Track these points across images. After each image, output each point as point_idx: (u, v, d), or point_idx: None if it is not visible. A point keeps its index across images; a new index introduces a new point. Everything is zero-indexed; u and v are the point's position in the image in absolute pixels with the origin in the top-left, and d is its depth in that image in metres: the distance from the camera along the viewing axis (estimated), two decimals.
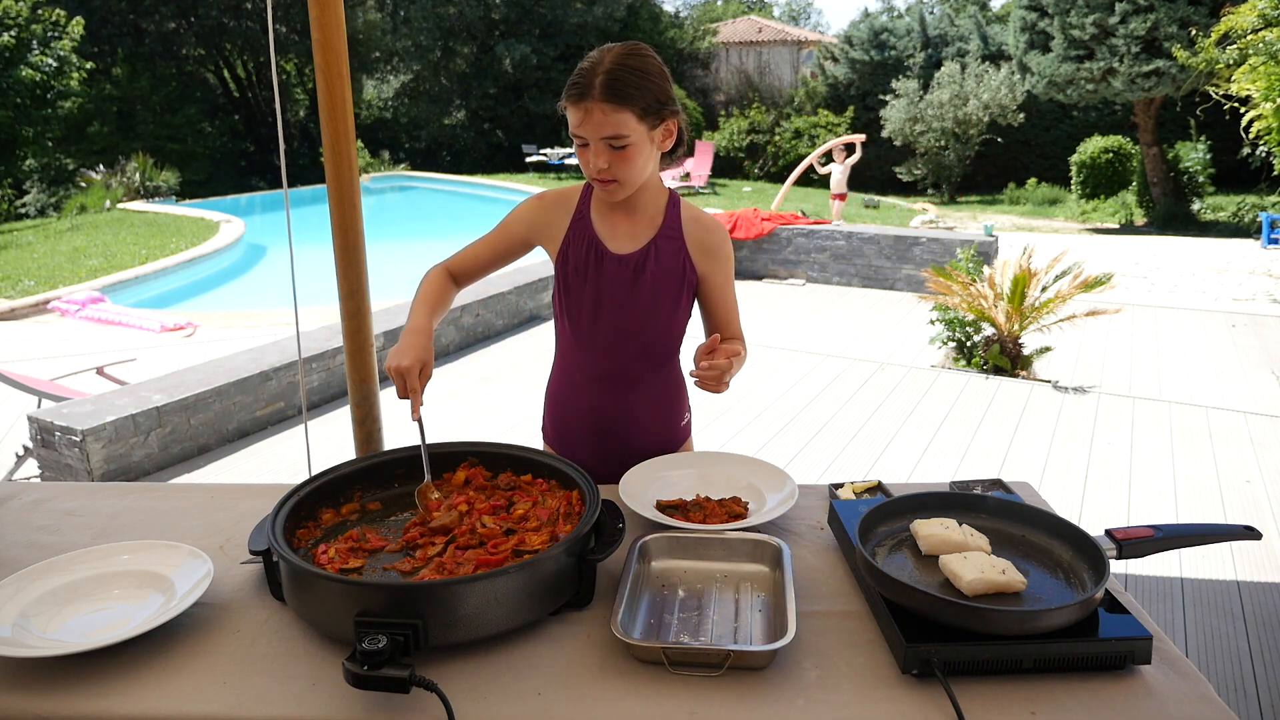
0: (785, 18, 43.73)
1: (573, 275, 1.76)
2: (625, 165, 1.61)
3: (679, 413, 1.92)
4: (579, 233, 1.75)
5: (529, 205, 1.82)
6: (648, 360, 1.82)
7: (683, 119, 1.70)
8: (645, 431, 1.85)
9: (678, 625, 1.24)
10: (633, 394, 1.82)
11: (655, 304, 1.75)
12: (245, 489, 1.77)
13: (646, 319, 1.77)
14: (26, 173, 16.94)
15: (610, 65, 1.57)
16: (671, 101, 1.64)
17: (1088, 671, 1.12)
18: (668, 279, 1.74)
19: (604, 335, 1.78)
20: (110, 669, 1.16)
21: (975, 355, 5.99)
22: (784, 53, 23.90)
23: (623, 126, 1.57)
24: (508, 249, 1.81)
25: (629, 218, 1.75)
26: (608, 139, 1.58)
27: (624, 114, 1.56)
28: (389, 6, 25.64)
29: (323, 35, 2.18)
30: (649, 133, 1.62)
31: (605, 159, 1.60)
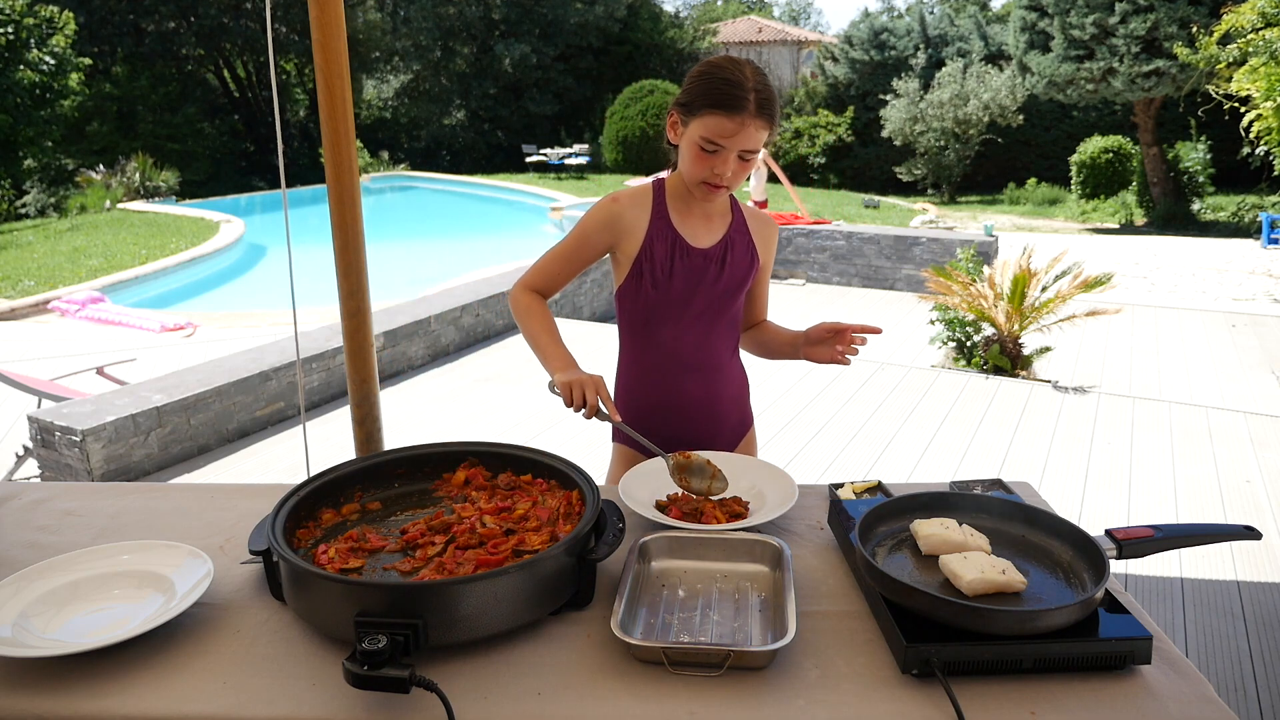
0: (785, 18, 43.73)
1: (659, 270, 1.83)
2: (743, 174, 1.74)
3: (745, 398, 2.05)
4: (660, 231, 1.83)
5: (606, 209, 1.86)
6: (728, 344, 1.95)
7: None
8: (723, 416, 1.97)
9: (678, 625, 1.24)
10: (716, 379, 1.94)
11: (734, 291, 1.88)
12: (245, 489, 1.77)
13: (728, 306, 1.89)
14: (26, 173, 16.94)
15: (757, 84, 1.67)
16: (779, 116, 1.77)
17: (1088, 671, 1.12)
18: (742, 269, 1.87)
19: (694, 326, 1.87)
20: (110, 669, 1.16)
21: (975, 355, 5.99)
22: (784, 53, 23.89)
23: (760, 143, 1.70)
24: (589, 257, 1.88)
25: (702, 216, 1.87)
26: (745, 151, 1.69)
27: (766, 131, 1.70)
28: (389, 6, 25.64)
29: (323, 35, 2.18)
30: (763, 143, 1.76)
31: (729, 169, 1.70)
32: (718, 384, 1.94)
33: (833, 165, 20.33)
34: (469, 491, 1.53)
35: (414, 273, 9.52)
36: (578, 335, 6.78)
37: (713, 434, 1.95)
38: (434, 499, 1.53)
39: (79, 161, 19.04)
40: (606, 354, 6.11)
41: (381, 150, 23.78)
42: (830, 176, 20.18)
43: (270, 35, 2.26)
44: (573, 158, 19.96)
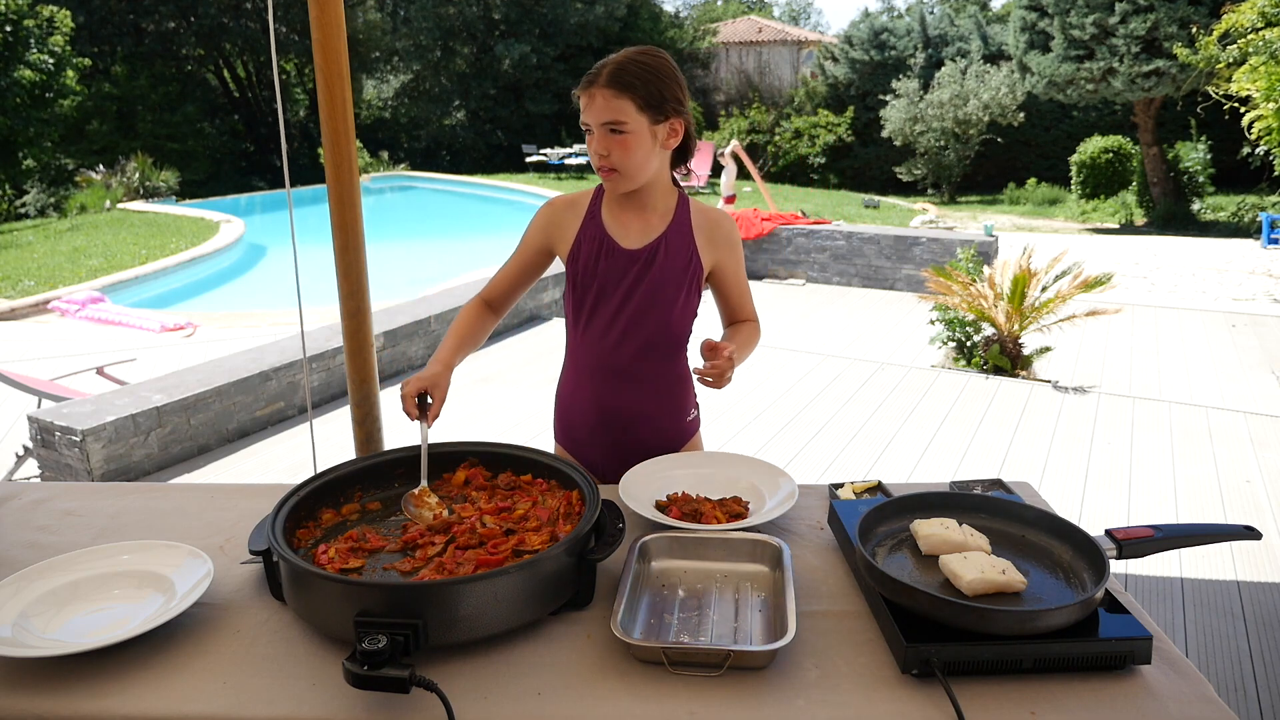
0: (785, 18, 43.73)
1: (582, 272, 1.82)
2: (623, 153, 1.68)
3: (685, 408, 1.94)
4: (590, 232, 1.82)
5: (541, 213, 1.89)
6: (653, 354, 1.85)
7: (690, 124, 1.76)
8: (652, 427, 1.89)
9: (678, 625, 1.24)
10: (639, 389, 1.86)
11: (660, 296, 1.80)
12: (245, 489, 1.77)
13: (651, 311, 1.81)
14: (26, 173, 16.94)
15: (620, 58, 1.69)
16: (678, 103, 1.71)
17: (1088, 671, 1.12)
18: (674, 272, 1.80)
19: (611, 330, 1.82)
20: (110, 669, 1.16)
21: (975, 355, 5.99)
22: (784, 53, 23.90)
23: (621, 113, 1.65)
24: (533, 262, 1.89)
25: (640, 215, 1.81)
26: (607, 124, 1.66)
27: (623, 101, 1.65)
28: (389, 6, 25.64)
29: (323, 35, 2.18)
30: (650, 126, 1.68)
31: (605, 145, 1.68)
32: (647, 389, 1.87)
33: (833, 165, 20.33)
34: (469, 491, 1.53)
35: (414, 273, 9.52)
36: None
37: (641, 440, 1.88)
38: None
39: (79, 161, 19.04)
40: None
41: (381, 150, 23.78)
42: (830, 176, 20.18)
43: (271, 35, 2.26)
44: (573, 158, 19.96)
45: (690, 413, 1.96)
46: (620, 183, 1.73)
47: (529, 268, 1.90)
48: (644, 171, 1.72)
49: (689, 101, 1.77)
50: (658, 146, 1.71)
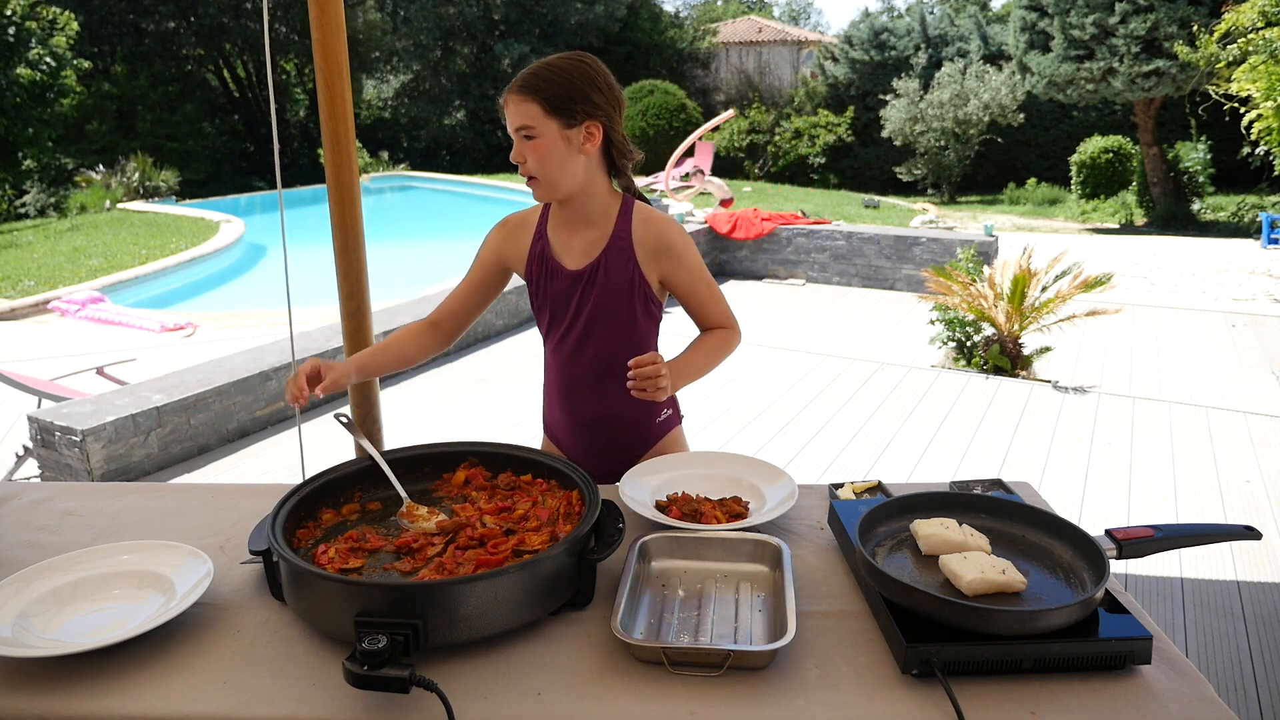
0: (785, 18, 43.72)
1: (535, 293, 1.83)
2: (537, 159, 1.66)
3: (655, 409, 1.92)
4: (537, 251, 1.81)
5: (494, 232, 1.88)
6: (614, 364, 1.81)
7: (611, 128, 1.70)
8: (622, 430, 1.89)
9: (678, 625, 1.24)
10: (603, 397, 1.85)
11: (606, 315, 1.77)
12: (245, 489, 1.77)
13: (601, 329, 1.79)
14: (26, 173, 16.94)
15: (536, 63, 1.66)
16: (592, 105, 1.66)
17: (1088, 671, 1.12)
18: (617, 292, 1.76)
19: (567, 344, 1.83)
20: (110, 669, 1.16)
21: (975, 355, 5.99)
22: (784, 53, 23.89)
23: (528, 117, 1.63)
24: (488, 281, 1.88)
25: (582, 231, 1.78)
26: (519, 130, 1.65)
27: (530, 104, 1.63)
28: (389, 6, 25.63)
29: (323, 35, 2.18)
30: (561, 130, 1.64)
31: (520, 151, 1.67)
32: (611, 397, 1.83)
33: (833, 165, 20.32)
34: (469, 491, 1.53)
35: (414, 273, 9.52)
36: None
37: (613, 443, 1.88)
38: (434, 499, 1.53)
39: (78, 161, 19.04)
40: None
41: (381, 150, 23.77)
42: (830, 176, 20.17)
43: (270, 35, 2.26)
44: None
45: (663, 413, 1.93)
46: (541, 190, 1.71)
47: (483, 287, 1.88)
48: (563, 178, 1.68)
49: (616, 106, 1.71)
50: (575, 152, 1.67)
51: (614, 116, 1.70)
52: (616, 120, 1.71)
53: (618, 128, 1.72)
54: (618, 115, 1.72)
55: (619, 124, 1.72)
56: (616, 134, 1.72)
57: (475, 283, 1.89)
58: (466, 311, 1.90)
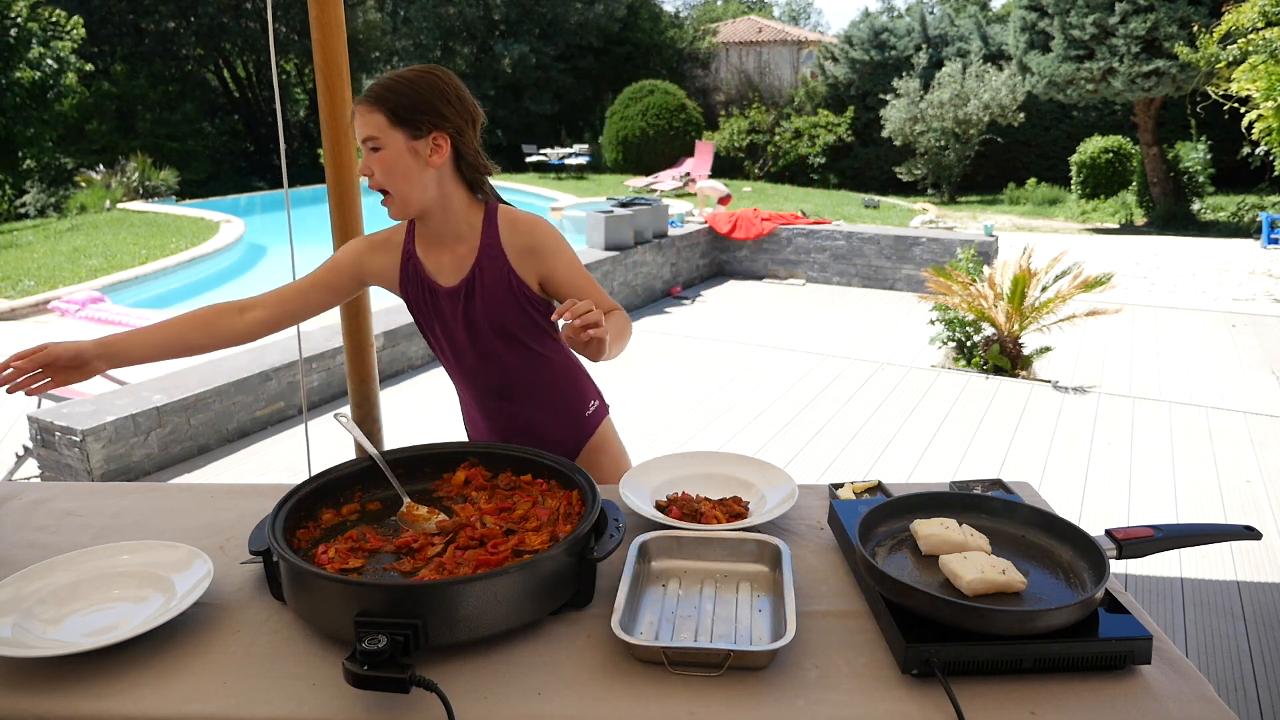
0: (785, 18, 43.72)
1: (419, 315, 1.80)
2: (383, 171, 1.61)
3: (582, 402, 1.90)
4: (410, 274, 1.76)
5: (357, 245, 1.80)
6: (519, 370, 1.81)
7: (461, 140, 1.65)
8: (549, 431, 1.87)
9: (678, 625, 1.24)
10: (523, 405, 1.84)
11: (493, 325, 1.74)
12: (245, 489, 1.77)
13: (492, 339, 1.76)
14: (26, 173, 16.94)
15: (384, 76, 1.63)
16: (438, 117, 1.61)
17: (1088, 671, 1.12)
18: (498, 302, 1.73)
19: (467, 359, 1.80)
20: (110, 669, 1.16)
21: (975, 355, 5.99)
22: (784, 53, 23.89)
23: (374, 128, 1.60)
24: (335, 284, 1.77)
25: (450, 247, 1.74)
26: (365, 141, 1.61)
27: (376, 115, 1.59)
28: (389, 6, 25.64)
29: (323, 35, 2.18)
30: (407, 141, 1.60)
31: (368, 164, 1.63)
32: (530, 401, 1.83)
33: (833, 165, 20.32)
34: (469, 492, 1.53)
35: None
36: None
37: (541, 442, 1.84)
38: (434, 499, 1.53)
39: (78, 161, 19.04)
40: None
41: None
42: (830, 176, 20.17)
43: (271, 35, 2.26)
44: (573, 158, 19.95)
45: (590, 405, 1.91)
46: (394, 207, 1.66)
47: (327, 288, 1.76)
48: (411, 191, 1.64)
49: (468, 119, 1.67)
50: (423, 165, 1.62)
51: (464, 129, 1.66)
52: (468, 133, 1.67)
53: (469, 141, 1.67)
54: (470, 128, 1.67)
55: (471, 137, 1.68)
56: (467, 147, 1.67)
57: (320, 282, 1.77)
58: (295, 309, 1.76)
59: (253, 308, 1.73)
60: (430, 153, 1.62)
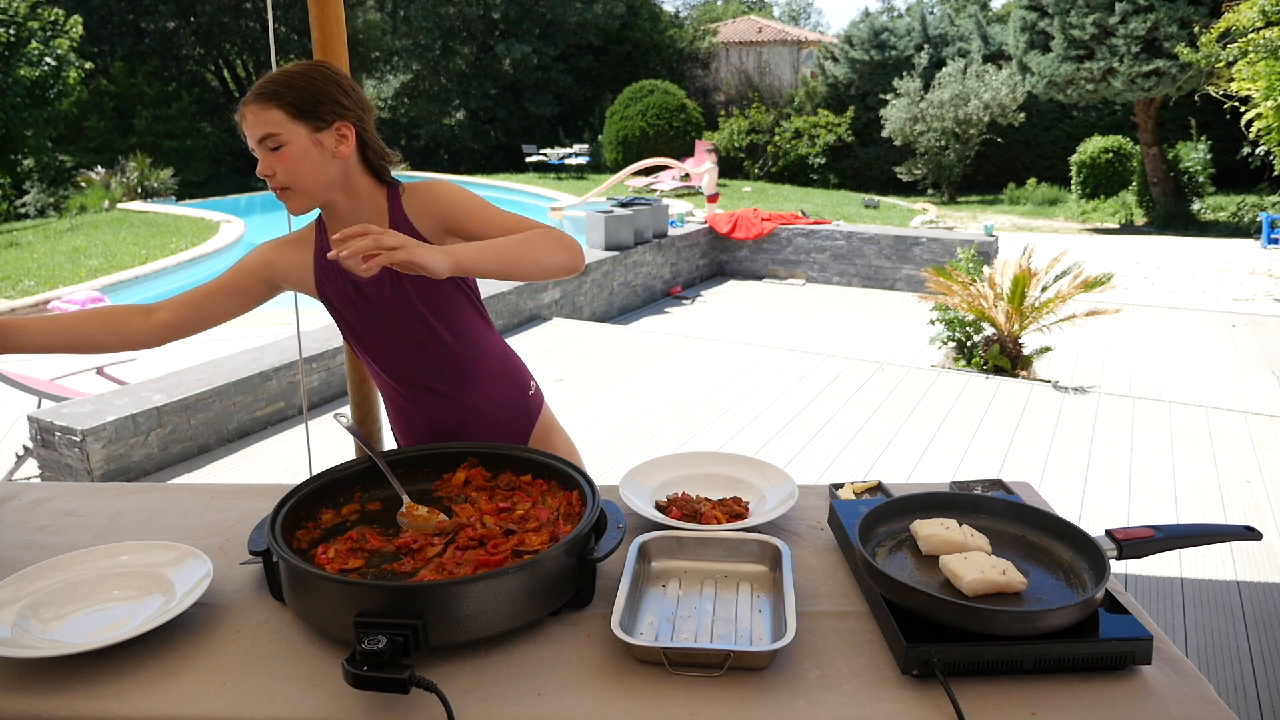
0: (785, 18, 43.71)
1: (345, 313, 1.72)
2: (287, 168, 1.56)
3: (523, 382, 1.87)
4: (326, 272, 1.69)
5: (265, 247, 1.75)
6: (456, 355, 1.75)
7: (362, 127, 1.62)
8: (491, 418, 1.81)
9: (678, 625, 1.24)
10: (463, 389, 1.77)
11: (422, 308, 1.69)
12: (245, 489, 1.76)
13: (422, 325, 1.70)
14: (26, 172, 16.94)
15: (268, 74, 1.57)
16: (339, 106, 1.58)
17: (1088, 672, 1.12)
18: (420, 280, 1.66)
19: (398, 354, 1.74)
20: (110, 669, 1.16)
21: (975, 355, 5.99)
22: (784, 53, 23.89)
23: (271, 125, 1.53)
24: (244, 287, 1.72)
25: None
26: (263, 141, 1.55)
27: (271, 111, 1.53)
28: (389, 6, 25.64)
29: (323, 35, 2.18)
30: (310, 135, 1.56)
31: (268, 164, 1.56)
32: (467, 388, 1.77)
33: (833, 165, 20.33)
34: (469, 492, 1.53)
35: None
36: (577, 335, 6.78)
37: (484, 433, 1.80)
38: (434, 499, 1.53)
39: (77, 160, 19.04)
40: (607, 353, 6.14)
41: None
42: (830, 176, 20.17)
43: (271, 35, 2.26)
44: (573, 158, 19.95)
45: (530, 386, 1.87)
46: (297, 201, 1.60)
47: (235, 291, 1.72)
48: (319, 185, 1.59)
49: (365, 109, 1.63)
50: (329, 156, 1.58)
51: (364, 118, 1.62)
52: (367, 122, 1.63)
53: (370, 129, 1.64)
54: (368, 117, 1.64)
55: (370, 126, 1.64)
56: (370, 135, 1.63)
57: (227, 285, 1.72)
58: (203, 314, 1.72)
59: (159, 310, 1.70)
60: (336, 143, 1.58)
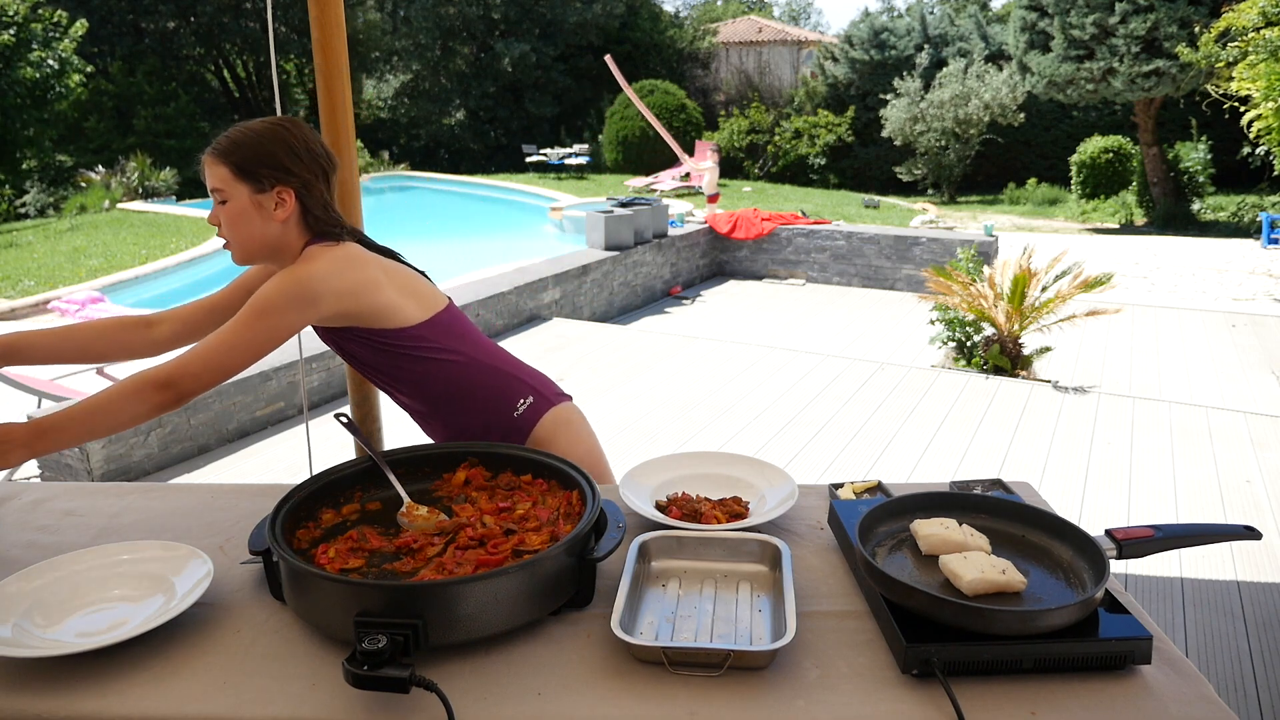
0: (785, 18, 43.71)
1: None
2: (228, 224, 1.62)
3: (507, 404, 1.86)
4: None
5: (261, 266, 1.79)
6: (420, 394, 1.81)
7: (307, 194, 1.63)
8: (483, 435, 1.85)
9: (678, 625, 1.24)
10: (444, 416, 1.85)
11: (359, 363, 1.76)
12: (245, 489, 1.76)
13: (373, 379, 1.80)
14: (26, 172, 16.94)
15: (233, 127, 1.63)
16: (282, 171, 1.60)
17: (1088, 671, 1.12)
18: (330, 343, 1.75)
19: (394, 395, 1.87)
20: (110, 669, 1.16)
21: (975, 355, 5.99)
22: (784, 53, 23.89)
23: (218, 180, 1.60)
24: (240, 303, 1.77)
25: None
26: (213, 192, 1.61)
27: (221, 168, 1.59)
28: (389, 6, 25.63)
29: (323, 35, 2.18)
30: (251, 195, 1.60)
31: (215, 215, 1.63)
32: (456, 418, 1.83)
33: (833, 165, 20.33)
34: (469, 491, 1.53)
35: None
36: (577, 335, 6.78)
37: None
38: (434, 499, 1.53)
39: (77, 160, 19.04)
40: (607, 353, 6.14)
41: (381, 150, 23.77)
42: (830, 176, 20.17)
43: (271, 35, 2.26)
44: (573, 158, 19.95)
45: (519, 405, 1.87)
46: (235, 253, 1.66)
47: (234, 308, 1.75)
48: (254, 245, 1.63)
49: (318, 171, 1.65)
50: (267, 218, 1.61)
51: (312, 183, 1.64)
52: (316, 186, 1.65)
53: (316, 194, 1.65)
54: (318, 180, 1.65)
55: (320, 190, 1.65)
56: (314, 201, 1.65)
57: (226, 301, 1.77)
58: (201, 328, 1.75)
59: (159, 323, 1.75)
60: (275, 206, 1.61)
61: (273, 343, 1.56)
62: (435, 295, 1.82)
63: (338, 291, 1.60)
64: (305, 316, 1.59)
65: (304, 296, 1.56)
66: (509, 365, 1.91)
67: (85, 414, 1.46)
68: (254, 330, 1.53)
